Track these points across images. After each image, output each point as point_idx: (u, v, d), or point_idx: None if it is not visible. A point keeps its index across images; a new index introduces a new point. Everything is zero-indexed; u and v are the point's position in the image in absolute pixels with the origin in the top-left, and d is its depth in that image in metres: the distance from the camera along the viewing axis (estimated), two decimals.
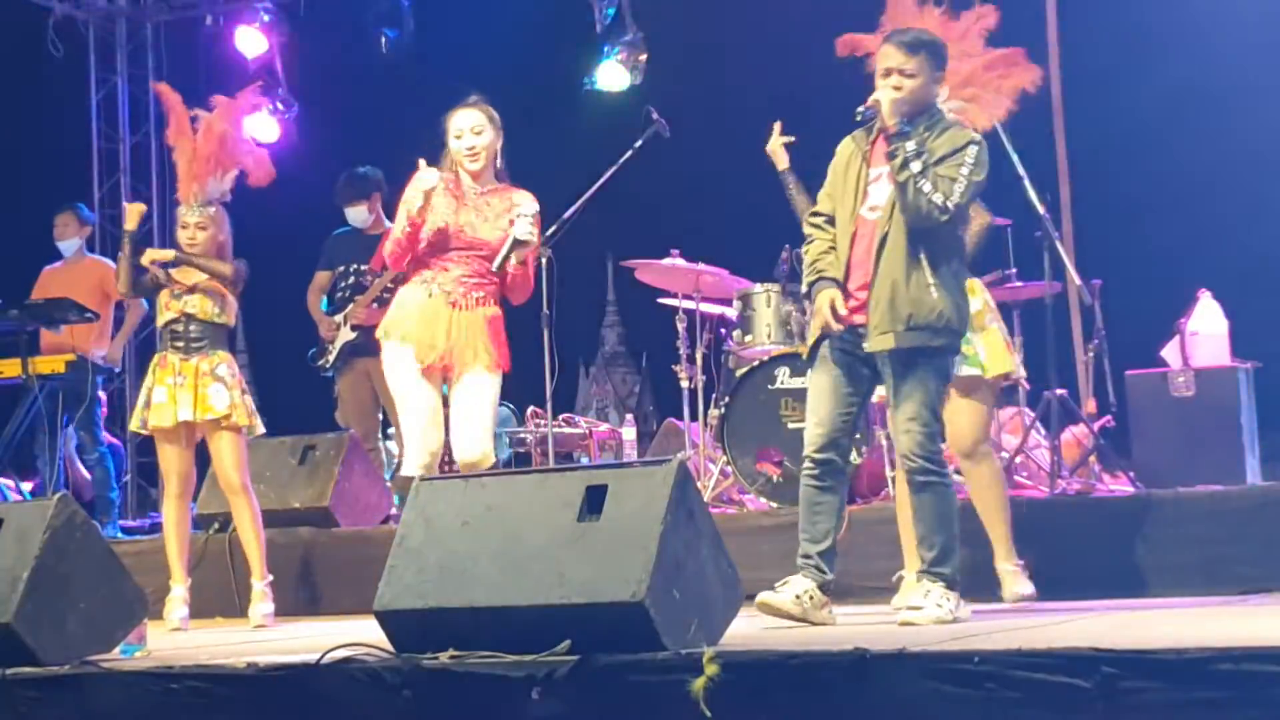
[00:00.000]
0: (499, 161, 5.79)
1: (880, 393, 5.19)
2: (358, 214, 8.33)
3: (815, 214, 5.17)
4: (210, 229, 6.51)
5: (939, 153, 4.86)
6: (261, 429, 6.63)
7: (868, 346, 4.92)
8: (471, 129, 5.71)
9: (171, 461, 6.52)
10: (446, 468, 6.32)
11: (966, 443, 5.55)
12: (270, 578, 6.58)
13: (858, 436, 6.85)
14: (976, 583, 5.48)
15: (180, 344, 6.47)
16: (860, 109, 4.97)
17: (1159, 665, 3.08)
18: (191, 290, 6.49)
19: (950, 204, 4.80)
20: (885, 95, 4.92)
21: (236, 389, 6.45)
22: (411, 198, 5.64)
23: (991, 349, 5.59)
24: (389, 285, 8.15)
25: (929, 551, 4.86)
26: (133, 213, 6.68)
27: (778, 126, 6.63)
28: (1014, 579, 5.53)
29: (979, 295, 5.56)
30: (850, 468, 6.81)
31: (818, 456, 4.97)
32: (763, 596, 4.85)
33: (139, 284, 6.64)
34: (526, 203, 5.76)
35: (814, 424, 5.01)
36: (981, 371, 5.55)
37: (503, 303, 5.82)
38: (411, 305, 5.72)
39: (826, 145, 5.28)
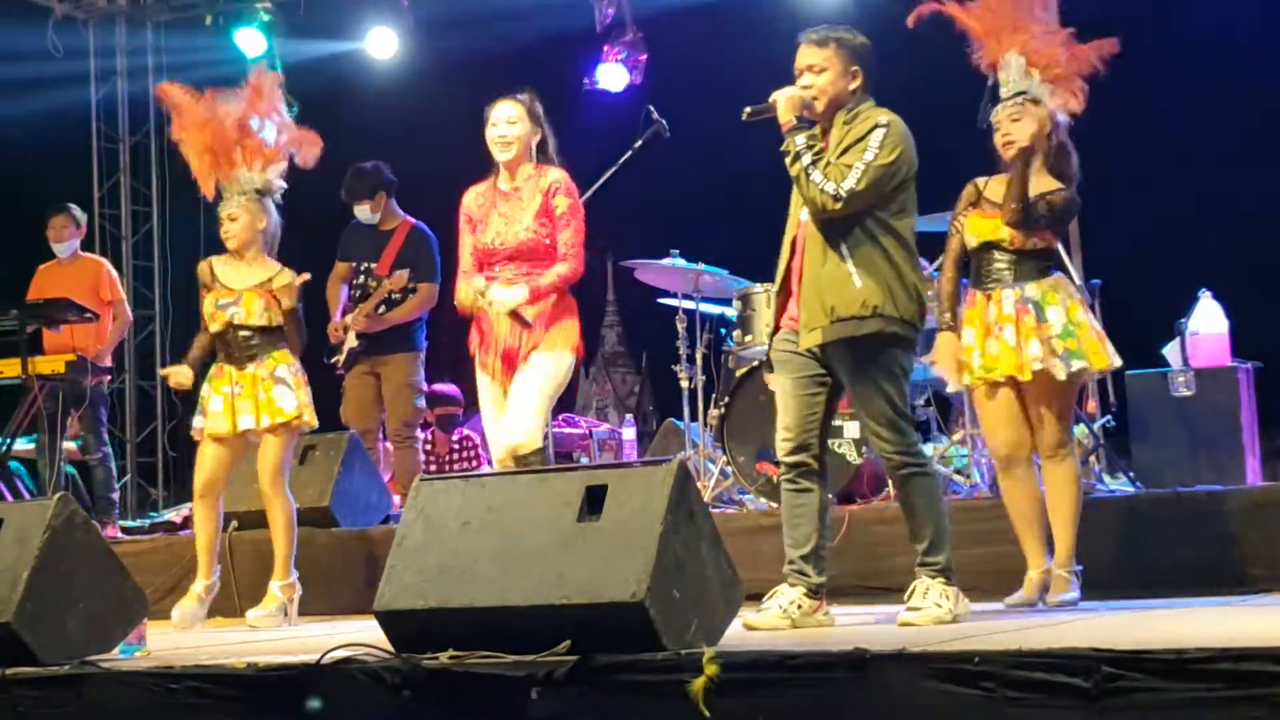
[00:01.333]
0: (536, 153, 5.89)
1: None
2: (363, 212, 8.31)
3: None
4: (244, 218, 6.42)
5: (849, 141, 4.80)
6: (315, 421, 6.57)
7: (801, 344, 4.88)
8: (506, 119, 5.87)
9: (205, 461, 6.45)
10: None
11: (1050, 441, 5.40)
12: (291, 578, 6.53)
13: (856, 438, 6.85)
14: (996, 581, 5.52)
15: (232, 353, 6.41)
16: (747, 109, 4.94)
17: (1159, 665, 3.08)
18: (235, 299, 6.39)
19: (844, 191, 4.70)
20: (786, 93, 4.87)
21: (302, 388, 6.40)
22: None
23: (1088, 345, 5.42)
24: (394, 292, 8.13)
25: (920, 544, 4.85)
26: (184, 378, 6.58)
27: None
28: (1064, 584, 5.36)
29: (1062, 291, 5.41)
30: (850, 468, 6.87)
31: (787, 461, 4.93)
32: (748, 619, 4.65)
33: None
34: (554, 186, 5.82)
35: (781, 429, 4.97)
36: (1087, 364, 5.39)
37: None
38: (483, 321, 5.87)
39: None
